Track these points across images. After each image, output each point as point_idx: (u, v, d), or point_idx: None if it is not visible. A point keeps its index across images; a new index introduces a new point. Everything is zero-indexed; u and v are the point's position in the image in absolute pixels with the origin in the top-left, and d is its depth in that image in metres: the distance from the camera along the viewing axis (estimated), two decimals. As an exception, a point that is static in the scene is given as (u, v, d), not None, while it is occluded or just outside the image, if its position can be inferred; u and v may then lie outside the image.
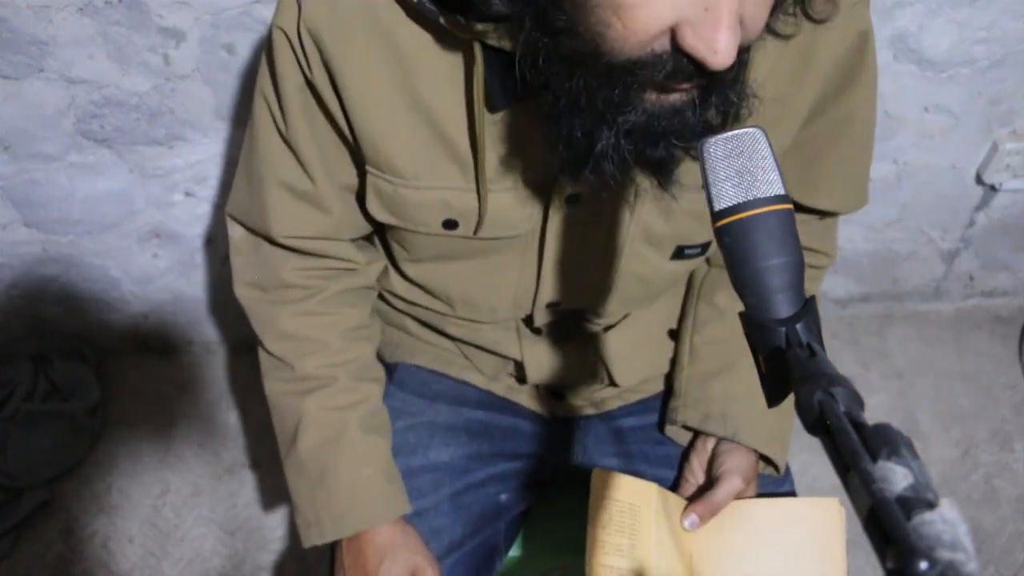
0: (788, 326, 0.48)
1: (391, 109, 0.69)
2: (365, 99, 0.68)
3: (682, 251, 0.81)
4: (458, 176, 0.72)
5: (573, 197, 0.74)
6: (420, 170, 0.72)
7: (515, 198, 0.74)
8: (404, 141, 0.70)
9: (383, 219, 0.78)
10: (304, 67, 0.69)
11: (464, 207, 0.74)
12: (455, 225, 0.76)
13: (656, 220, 0.76)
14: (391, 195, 0.75)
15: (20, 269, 1.42)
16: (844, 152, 0.80)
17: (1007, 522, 1.42)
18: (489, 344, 0.93)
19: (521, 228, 0.77)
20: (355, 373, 0.86)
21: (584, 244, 0.79)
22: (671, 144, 0.56)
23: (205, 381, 1.58)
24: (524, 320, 0.90)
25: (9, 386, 1.45)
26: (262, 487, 1.46)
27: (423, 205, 0.74)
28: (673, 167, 0.60)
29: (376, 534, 0.84)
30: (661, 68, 0.51)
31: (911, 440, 0.37)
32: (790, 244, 0.49)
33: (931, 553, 0.31)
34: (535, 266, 0.81)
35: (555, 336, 0.92)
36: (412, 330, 0.97)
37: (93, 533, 1.40)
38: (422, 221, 0.76)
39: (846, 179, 0.83)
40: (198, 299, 1.52)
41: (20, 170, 1.25)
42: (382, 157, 0.72)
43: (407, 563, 0.83)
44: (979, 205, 1.51)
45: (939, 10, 1.17)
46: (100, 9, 1.05)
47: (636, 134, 0.55)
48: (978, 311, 1.71)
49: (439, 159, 0.71)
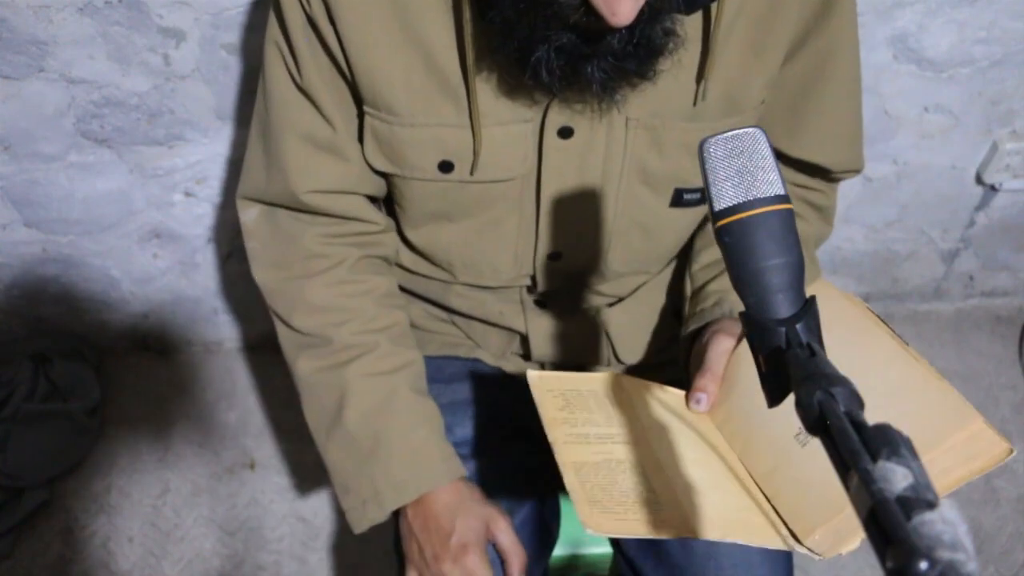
0: (788, 326, 0.48)
1: (385, 40, 0.71)
2: (360, 30, 0.70)
3: (681, 196, 0.82)
4: (452, 111, 0.74)
5: (565, 130, 0.75)
6: (414, 106, 0.74)
7: (508, 134, 0.75)
8: (399, 74, 0.72)
9: (380, 166, 0.79)
10: (304, 2, 0.71)
11: (459, 145, 0.75)
12: (451, 167, 0.77)
13: (650, 154, 0.78)
14: (387, 136, 0.76)
15: (20, 269, 1.42)
16: (829, 95, 0.80)
17: (1007, 522, 1.42)
18: (494, 317, 0.93)
19: (516, 170, 0.78)
20: (396, 339, 0.84)
21: (581, 185, 0.79)
22: (599, 64, 0.64)
23: (205, 381, 1.58)
24: (528, 288, 0.91)
25: (9, 386, 1.45)
26: (262, 487, 1.46)
27: (418, 144, 0.76)
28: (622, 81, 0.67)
29: (442, 492, 0.81)
30: (576, 9, 0.59)
31: (911, 440, 0.37)
32: (790, 244, 0.50)
33: (931, 553, 0.31)
34: (533, 215, 0.82)
35: (559, 309, 0.93)
36: (418, 320, 0.97)
37: (93, 533, 1.40)
38: (417, 164, 0.77)
39: (833, 129, 0.83)
40: (198, 299, 1.52)
41: (20, 170, 1.25)
42: (377, 92, 0.74)
43: (480, 515, 0.80)
44: (979, 205, 1.51)
45: (939, 10, 1.17)
46: (100, 9, 1.05)
47: (565, 52, 0.63)
48: (978, 311, 1.71)
49: (433, 94, 0.73)
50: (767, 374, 0.50)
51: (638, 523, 0.62)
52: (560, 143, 0.76)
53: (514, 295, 0.92)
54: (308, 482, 1.46)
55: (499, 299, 0.92)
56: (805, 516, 0.64)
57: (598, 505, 0.62)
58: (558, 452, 0.66)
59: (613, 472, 0.66)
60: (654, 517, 0.63)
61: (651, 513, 0.63)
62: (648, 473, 0.67)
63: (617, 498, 0.64)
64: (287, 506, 1.43)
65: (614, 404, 0.74)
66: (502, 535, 0.81)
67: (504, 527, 0.81)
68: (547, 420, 0.69)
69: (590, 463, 0.66)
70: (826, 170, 0.86)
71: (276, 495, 1.45)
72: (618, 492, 0.64)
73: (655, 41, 0.64)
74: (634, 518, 0.62)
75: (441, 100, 0.74)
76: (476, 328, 0.96)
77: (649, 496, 0.65)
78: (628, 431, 0.71)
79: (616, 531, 0.61)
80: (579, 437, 0.69)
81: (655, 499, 0.64)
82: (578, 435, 0.69)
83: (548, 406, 0.71)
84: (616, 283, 0.91)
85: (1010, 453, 0.58)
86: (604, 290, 0.91)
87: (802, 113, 0.81)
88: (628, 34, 0.62)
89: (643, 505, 0.64)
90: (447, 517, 0.80)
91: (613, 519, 0.62)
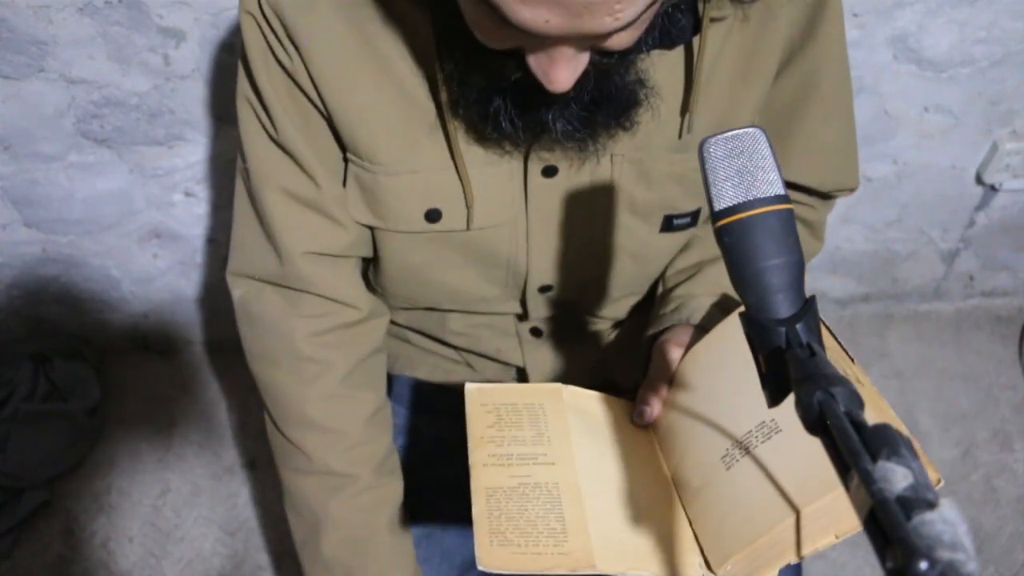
0: (788, 326, 0.48)
1: (362, 84, 0.69)
2: (335, 75, 0.68)
3: (671, 221, 0.80)
4: (435, 154, 0.72)
5: (549, 169, 0.73)
6: (397, 151, 0.71)
7: (494, 176, 0.73)
8: (379, 118, 0.70)
9: (362, 218, 0.76)
10: (275, 49, 0.68)
11: (445, 191, 0.73)
12: (438, 216, 0.75)
13: (637, 187, 0.76)
14: (371, 186, 0.73)
15: (20, 269, 1.42)
16: (815, 116, 0.78)
17: (1007, 522, 1.42)
18: (491, 352, 0.92)
19: (507, 213, 0.76)
20: (377, 468, 0.83)
21: (569, 220, 0.78)
22: (561, 113, 0.63)
23: (205, 381, 1.58)
24: (519, 316, 0.89)
25: (9, 386, 1.45)
26: (262, 487, 1.46)
27: (403, 192, 0.73)
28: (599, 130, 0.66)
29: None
30: (517, 69, 0.57)
31: (911, 440, 0.37)
32: (790, 244, 0.50)
33: (931, 553, 0.31)
34: (523, 252, 0.80)
35: (556, 339, 0.92)
36: (412, 339, 0.95)
37: (93, 533, 1.40)
38: (402, 216, 0.75)
39: (822, 151, 0.82)
40: (198, 299, 1.52)
41: (20, 170, 1.25)
42: (358, 139, 0.71)
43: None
44: (979, 205, 1.51)
45: (939, 10, 1.17)
46: (100, 9, 1.05)
47: (521, 102, 0.62)
48: (978, 311, 1.71)
49: (414, 135, 0.71)
50: (767, 374, 0.50)
51: (536, 557, 0.60)
52: (545, 182, 0.74)
53: (509, 328, 0.90)
54: (308, 482, 1.46)
55: (494, 334, 0.90)
56: (721, 544, 0.63)
57: (499, 536, 0.60)
58: (475, 477, 0.65)
59: (525, 498, 0.64)
60: (555, 550, 0.61)
61: (553, 545, 0.61)
62: (563, 498, 0.64)
63: (522, 528, 0.61)
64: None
65: (549, 419, 0.71)
66: None
67: None
68: (473, 440, 0.68)
69: (504, 488, 0.64)
70: (817, 191, 0.85)
71: (276, 495, 1.45)
72: (525, 521, 0.62)
73: (618, 94, 0.63)
74: (532, 551, 0.60)
75: (422, 142, 0.71)
76: (473, 357, 0.94)
77: (556, 526, 0.62)
78: (556, 449, 0.68)
79: (510, 566, 0.59)
80: (500, 459, 0.67)
81: (562, 528, 0.62)
82: (500, 456, 0.67)
83: (478, 423, 0.69)
84: (611, 307, 0.90)
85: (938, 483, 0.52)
86: (599, 314, 0.90)
87: (788, 135, 0.79)
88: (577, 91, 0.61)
89: (547, 536, 0.61)
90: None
91: (509, 552, 0.59)
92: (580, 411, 0.72)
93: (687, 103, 0.71)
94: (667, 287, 0.87)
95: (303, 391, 0.80)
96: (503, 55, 0.57)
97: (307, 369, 0.80)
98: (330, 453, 0.81)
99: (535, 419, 0.70)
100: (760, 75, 0.73)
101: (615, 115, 0.65)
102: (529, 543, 0.61)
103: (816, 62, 0.75)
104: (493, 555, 0.59)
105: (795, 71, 0.75)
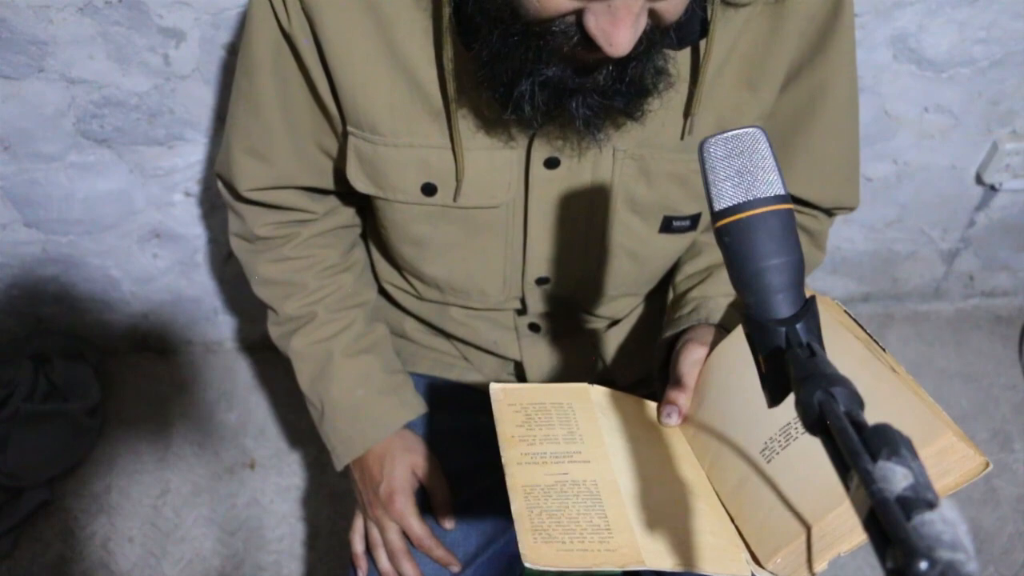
0: (788, 326, 0.48)
1: (370, 60, 0.71)
2: (344, 47, 0.70)
3: (670, 223, 0.81)
4: (435, 133, 0.74)
5: (552, 160, 0.74)
6: (397, 125, 0.74)
7: (492, 161, 0.75)
8: (383, 94, 0.72)
9: (363, 187, 0.79)
10: (282, 18, 0.71)
11: (442, 167, 0.75)
12: (434, 190, 0.77)
13: (638, 185, 0.77)
14: (370, 156, 0.76)
15: (20, 269, 1.42)
16: (820, 132, 0.79)
17: (1007, 522, 1.42)
18: (488, 345, 0.93)
19: (501, 197, 0.77)
20: (334, 305, 0.90)
21: (569, 213, 0.79)
22: (585, 100, 0.63)
23: (205, 381, 1.58)
24: (518, 311, 0.90)
25: (9, 386, 1.45)
26: (262, 487, 1.46)
27: (401, 164, 0.76)
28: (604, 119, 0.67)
29: (376, 445, 0.89)
30: (570, 39, 0.57)
31: (911, 440, 0.37)
32: (790, 244, 0.50)
33: (931, 553, 0.31)
34: (521, 241, 0.81)
35: (554, 335, 0.92)
36: (412, 335, 0.97)
37: (93, 533, 1.40)
38: (400, 186, 0.77)
39: (824, 167, 0.82)
40: (198, 299, 1.52)
41: (20, 170, 1.25)
42: (360, 111, 0.74)
43: (406, 462, 0.87)
44: (979, 205, 1.51)
45: (939, 10, 1.17)
46: (100, 9, 1.05)
47: (551, 87, 0.62)
48: (978, 311, 1.71)
49: (416, 114, 0.73)
50: (767, 374, 0.50)
51: (583, 553, 0.59)
52: (547, 173, 0.75)
53: (508, 322, 0.91)
54: (308, 482, 1.46)
55: (493, 327, 0.92)
56: (768, 538, 0.62)
57: (542, 534, 0.60)
58: (510, 475, 0.64)
59: (564, 496, 0.64)
60: (602, 546, 0.60)
61: (599, 542, 0.60)
62: (603, 496, 0.64)
63: (565, 525, 0.61)
64: (287, 506, 1.43)
65: (579, 418, 0.71)
66: (425, 477, 0.87)
67: (427, 469, 0.87)
68: (503, 439, 0.67)
69: (542, 486, 0.64)
70: (818, 206, 0.85)
71: (276, 495, 1.45)
72: (567, 518, 0.61)
73: (645, 80, 0.63)
74: (579, 548, 0.59)
75: (424, 121, 0.73)
76: (471, 351, 0.96)
77: (599, 522, 0.62)
78: (589, 448, 0.68)
79: (557, 563, 0.58)
80: (534, 457, 0.66)
81: (606, 525, 0.61)
82: (534, 455, 0.67)
83: (507, 422, 0.69)
84: (608, 306, 0.90)
85: (986, 467, 0.54)
86: (596, 312, 0.90)
87: (791, 148, 0.79)
88: (619, 71, 0.61)
89: (592, 533, 0.61)
90: (377, 467, 0.88)
91: (555, 549, 0.59)
92: (608, 410, 0.73)
93: (690, 105, 0.72)
94: (679, 291, 0.88)
95: (260, 258, 0.90)
96: (551, 28, 0.57)
97: (267, 244, 0.89)
98: (288, 302, 0.90)
99: (565, 418, 0.70)
100: (767, 83, 0.73)
101: (632, 103, 0.66)
102: (574, 540, 0.60)
103: (825, 76, 0.75)
104: (539, 552, 0.58)
105: (803, 83, 0.75)
